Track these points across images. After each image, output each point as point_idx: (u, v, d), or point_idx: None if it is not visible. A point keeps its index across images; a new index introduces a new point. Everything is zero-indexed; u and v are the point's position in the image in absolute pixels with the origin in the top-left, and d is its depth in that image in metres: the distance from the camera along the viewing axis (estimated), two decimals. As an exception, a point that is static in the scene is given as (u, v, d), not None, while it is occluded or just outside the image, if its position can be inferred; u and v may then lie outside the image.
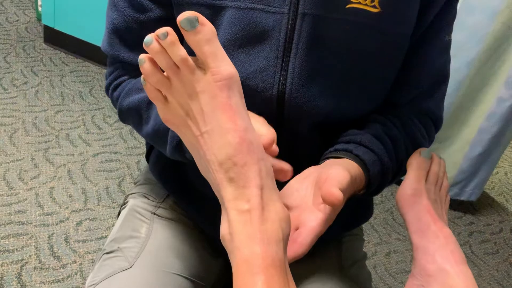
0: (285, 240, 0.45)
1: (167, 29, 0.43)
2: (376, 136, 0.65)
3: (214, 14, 0.63)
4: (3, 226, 1.42)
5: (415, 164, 0.65)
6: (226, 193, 0.45)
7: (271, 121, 0.66)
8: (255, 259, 0.43)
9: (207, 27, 0.42)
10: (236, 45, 0.63)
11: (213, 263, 0.77)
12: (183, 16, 0.42)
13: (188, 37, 0.43)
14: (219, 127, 0.44)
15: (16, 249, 1.36)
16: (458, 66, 1.68)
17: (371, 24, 0.63)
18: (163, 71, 0.45)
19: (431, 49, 0.69)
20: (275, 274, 0.42)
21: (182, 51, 0.43)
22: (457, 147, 1.84)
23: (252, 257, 0.43)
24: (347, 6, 0.61)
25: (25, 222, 1.45)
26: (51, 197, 1.56)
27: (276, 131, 0.67)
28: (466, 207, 2.01)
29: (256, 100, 0.65)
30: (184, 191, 0.77)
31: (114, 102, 0.75)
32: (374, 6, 0.62)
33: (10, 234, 1.40)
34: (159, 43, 0.43)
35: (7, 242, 1.37)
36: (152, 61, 0.45)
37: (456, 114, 1.79)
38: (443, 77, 0.74)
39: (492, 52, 1.64)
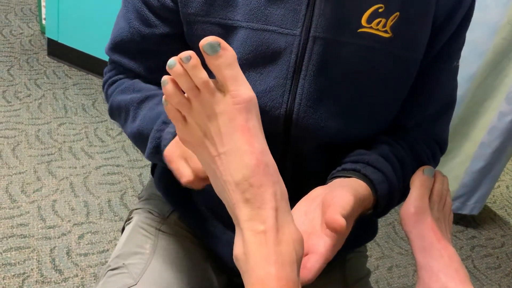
0: (299, 262, 0.46)
1: (190, 53, 0.44)
2: (384, 157, 0.66)
3: (226, 33, 0.64)
4: (5, 239, 1.42)
5: (418, 182, 0.65)
6: (242, 214, 0.45)
7: (277, 140, 0.67)
8: (270, 280, 0.43)
9: (228, 52, 0.44)
10: (247, 64, 0.64)
11: (217, 280, 0.77)
12: (206, 41, 0.43)
13: (209, 61, 0.44)
14: (237, 149, 0.45)
15: (18, 262, 1.36)
16: (459, 81, 1.68)
17: (382, 48, 0.63)
18: (184, 92, 0.47)
19: (440, 75, 0.70)
20: None
21: (204, 74, 0.45)
22: (459, 161, 1.84)
23: (267, 278, 0.43)
24: (359, 30, 0.62)
25: (27, 235, 1.45)
26: (53, 210, 1.56)
27: (282, 149, 0.68)
28: (468, 221, 2.01)
29: (264, 118, 0.65)
30: (189, 207, 0.77)
31: (108, 97, 0.77)
32: (386, 31, 0.62)
33: (12, 247, 1.40)
34: (182, 66, 0.44)
35: (9, 255, 1.37)
36: (174, 83, 0.46)
37: (458, 128, 1.80)
38: (450, 102, 0.75)
39: (492, 67, 1.65)
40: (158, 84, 0.73)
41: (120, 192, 1.70)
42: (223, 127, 0.45)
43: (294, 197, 0.61)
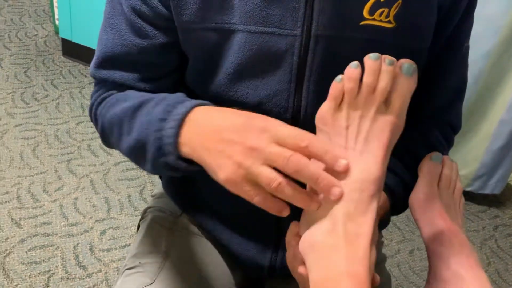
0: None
1: (394, 59, 0.50)
2: (397, 156, 0.64)
3: (223, 38, 0.61)
4: (29, 238, 1.46)
5: (426, 169, 0.65)
6: (341, 207, 0.48)
7: None
8: (361, 280, 0.46)
9: (415, 81, 0.51)
10: (247, 69, 0.61)
11: (232, 275, 0.78)
12: (409, 62, 0.50)
13: (399, 77, 0.50)
14: (370, 155, 0.49)
15: (43, 260, 1.40)
16: (475, 58, 1.65)
17: (386, 40, 0.61)
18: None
19: (451, 61, 0.68)
20: None
21: (388, 84, 0.50)
22: (478, 140, 1.81)
23: (358, 277, 0.46)
24: (362, 23, 0.60)
25: (51, 234, 1.48)
26: (75, 207, 1.59)
27: None
28: (491, 201, 1.98)
29: None
30: (198, 208, 0.77)
31: (97, 119, 0.68)
32: (389, 22, 0.60)
33: (37, 246, 1.44)
34: (381, 65, 0.50)
35: (34, 254, 1.41)
36: (361, 71, 0.50)
37: (475, 107, 1.76)
38: (463, 85, 0.73)
39: (509, 43, 1.61)
40: (158, 91, 0.66)
41: (139, 187, 1.72)
42: (370, 132, 0.50)
43: None
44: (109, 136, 0.67)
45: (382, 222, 0.81)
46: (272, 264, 0.74)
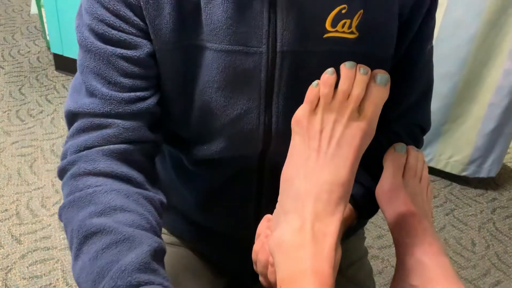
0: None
1: (368, 69, 0.53)
2: (363, 165, 0.66)
3: (190, 55, 0.60)
4: (30, 253, 1.48)
5: (390, 160, 0.66)
6: (312, 207, 0.51)
7: (255, 158, 0.66)
8: (324, 277, 0.48)
9: (387, 92, 0.55)
10: (214, 87, 0.61)
11: (216, 282, 0.79)
12: (382, 72, 0.54)
13: (372, 86, 0.54)
14: (341, 159, 0.53)
15: (44, 274, 1.42)
16: (459, 44, 1.66)
17: (350, 51, 0.61)
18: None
19: (417, 63, 0.69)
20: None
21: (361, 91, 0.53)
22: (469, 125, 1.81)
23: (322, 275, 0.48)
24: (325, 36, 0.60)
25: (51, 247, 1.51)
26: (73, 220, 1.62)
27: (260, 168, 0.68)
28: (488, 184, 1.98)
29: (241, 142, 0.64)
30: (177, 219, 0.78)
31: (63, 191, 0.59)
32: (352, 32, 0.60)
33: (37, 260, 1.46)
34: (356, 73, 0.53)
35: (35, 268, 1.44)
36: (336, 78, 0.53)
37: (464, 92, 1.77)
38: (430, 85, 0.73)
39: (492, 26, 1.61)
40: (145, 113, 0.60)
41: (136, 195, 1.74)
42: (342, 137, 0.53)
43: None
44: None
45: (357, 224, 0.82)
46: (255, 272, 0.75)
